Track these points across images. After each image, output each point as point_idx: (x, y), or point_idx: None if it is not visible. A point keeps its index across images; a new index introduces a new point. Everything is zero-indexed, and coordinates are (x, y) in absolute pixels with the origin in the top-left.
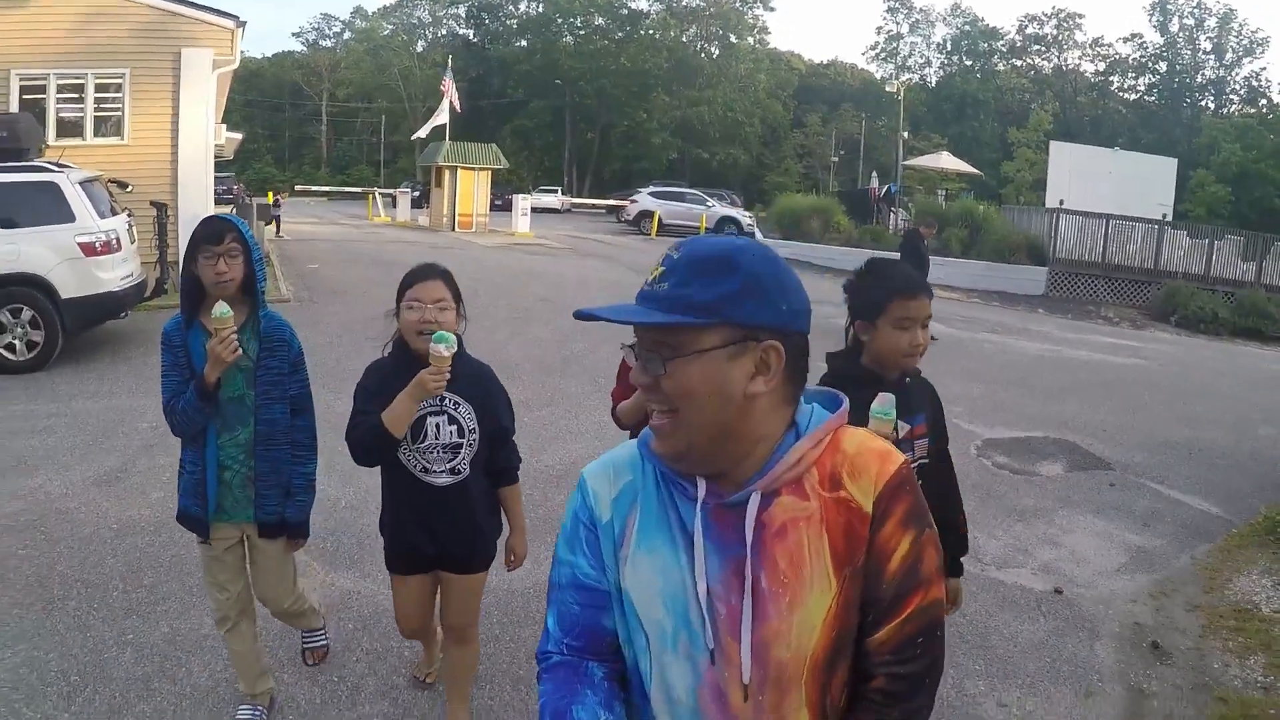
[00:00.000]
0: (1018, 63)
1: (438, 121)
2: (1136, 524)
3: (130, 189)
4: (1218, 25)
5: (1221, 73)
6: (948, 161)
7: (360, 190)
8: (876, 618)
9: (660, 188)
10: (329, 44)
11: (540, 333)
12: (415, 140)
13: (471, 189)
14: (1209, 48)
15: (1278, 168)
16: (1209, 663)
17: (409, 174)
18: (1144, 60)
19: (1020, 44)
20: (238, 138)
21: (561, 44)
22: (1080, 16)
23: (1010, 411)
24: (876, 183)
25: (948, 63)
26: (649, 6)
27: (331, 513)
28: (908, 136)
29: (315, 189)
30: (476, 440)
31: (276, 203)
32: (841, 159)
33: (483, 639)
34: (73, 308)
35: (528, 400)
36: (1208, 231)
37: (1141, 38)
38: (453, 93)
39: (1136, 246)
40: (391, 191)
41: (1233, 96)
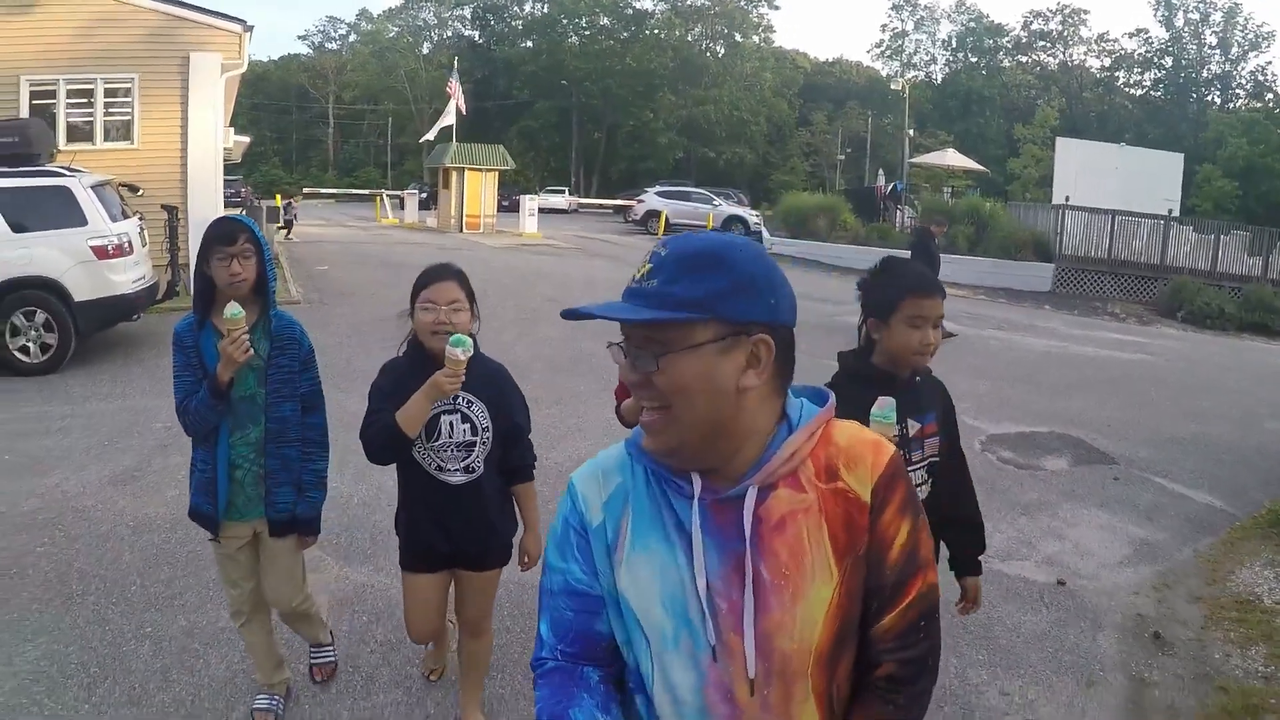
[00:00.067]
0: (1023, 59)
1: (444, 123)
2: (1140, 517)
3: (141, 193)
4: (1223, 19)
5: (1227, 67)
6: (953, 158)
7: (368, 192)
8: (880, 605)
9: (667, 187)
10: (334, 47)
11: (548, 332)
12: (423, 143)
13: (479, 190)
14: (1214, 42)
15: None
16: (1210, 653)
17: (416, 176)
18: (1149, 55)
19: (1025, 40)
20: (245, 141)
21: (567, 44)
22: (1085, 12)
23: (1016, 407)
24: (883, 180)
25: (953, 59)
26: (654, 6)
27: (345, 509)
28: (913, 134)
29: (323, 191)
30: (490, 438)
31: (288, 206)
32: (848, 157)
33: (495, 630)
34: (86, 310)
35: (537, 399)
36: (1214, 227)
37: (1147, 33)
38: (459, 95)
39: (1142, 242)
40: (399, 193)
41: (1239, 91)
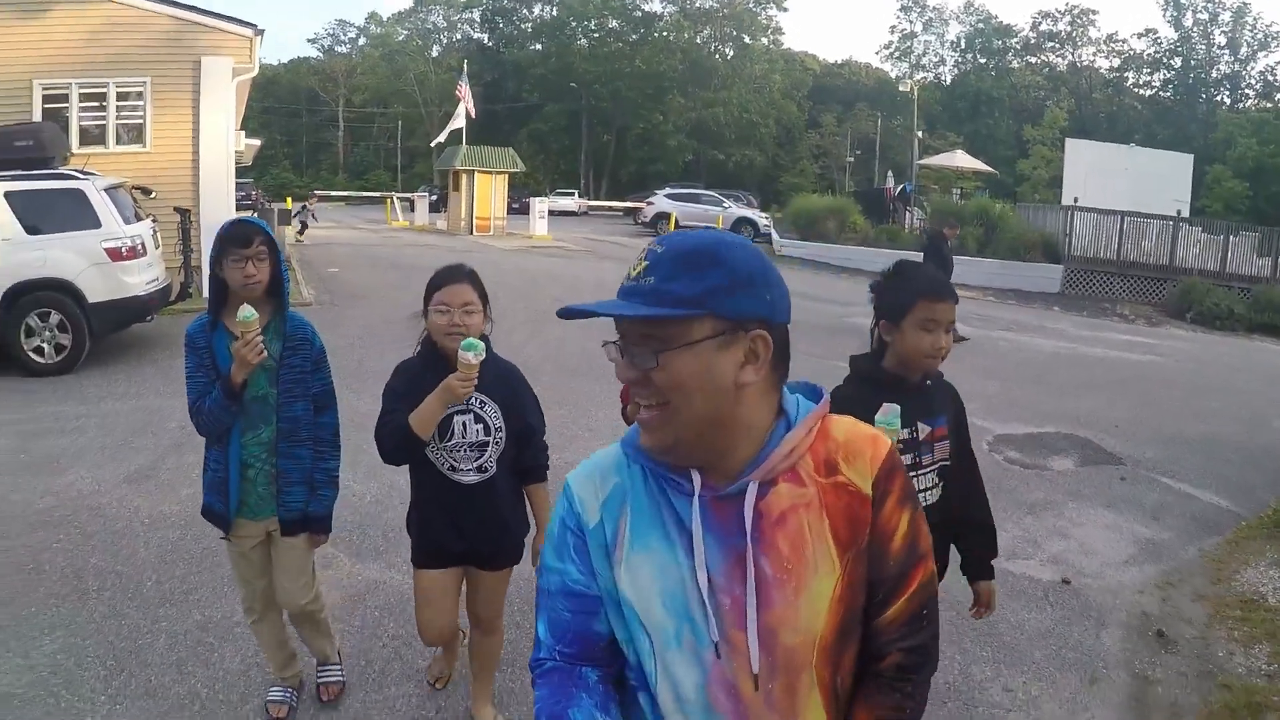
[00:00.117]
0: (1032, 60)
1: (454, 127)
2: (1146, 517)
3: (153, 195)
4: (1232, 20)
5: (1236, 67)
6: (962, 160)
7: (378, 195)
8: (885, 596)
9: (676, 190)
10: (344, 50)
11: (558, 334)
12: (433, 146)
13: (489, 192)
14: (1223, 42)
15: None
16: (1214, 651)
17: (426, 178)
18: (1159, 56)
19: (1034, 41)
20: (256, 144)
21: (576, 47)
22: (1094, 13)
23: (1024, 408)
24: (892, 182)
25: (962, 61)
26: (663, 8)
27: (357, 507)
28: (923, 135)
29: (333, 194)
30: (503, 438)
31: (304, 207)
32: (857, 159)
33: (506, 626)
34: (100, 311)
35: (547, 400)
36: (1223, 227)
37: (1156, 33)
38: (468, 98)
39: (1151, 243)
40: (409, 196)
41: (1248, 91)
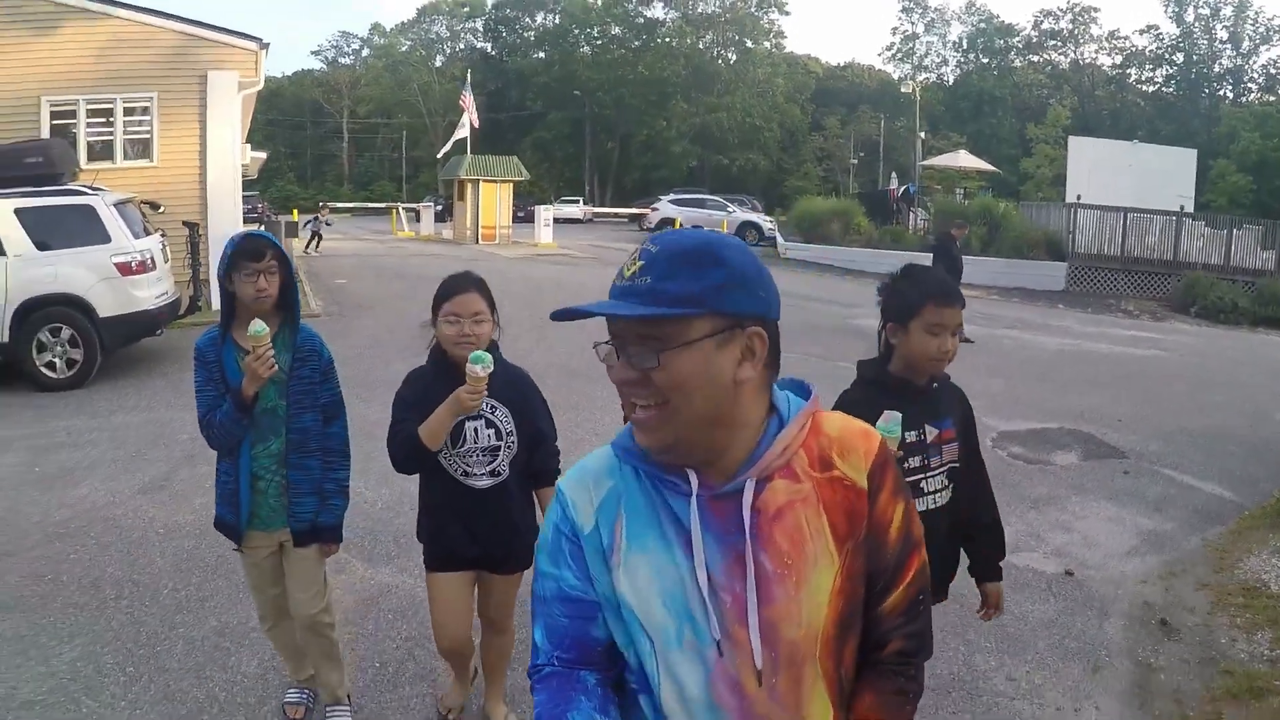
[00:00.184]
0: (1034, 58)
1: (458, 137)
2: (1149, 509)
3: (162, 210)
4: (1233, 14)
5: (1239, 61)
6: (965, 160)
7: (383, 205)
8: (885, 585)
9: (681, 195)
10: (348, 61)
11: (565, 340)
12: (440, 158)
13: (494, 201)
14: (1225, 37)
15: None
16: (1216, 638)
17: (431, 188)
18: (1160, 52)
19: (1036, 40)
20: (262, 157)
21: (579, 55)
22: (1095, 10)
23: (1028, 405)
24: (896, 183)
25: (964, 61)
26: (665, 14)
27: (369, 514)
28: (926, 136)
29: (339, 205)
30: (515, 442)
31: (315, 218)
32: (861, 161)
33: (517, 626)
34: (110, 326)
35: (554, 405)
36: (1226, 221)
37: (1158, 29)
38: (471, 109)
39: (1155, 239)
40: (415, 206)
41: (1250, 85)
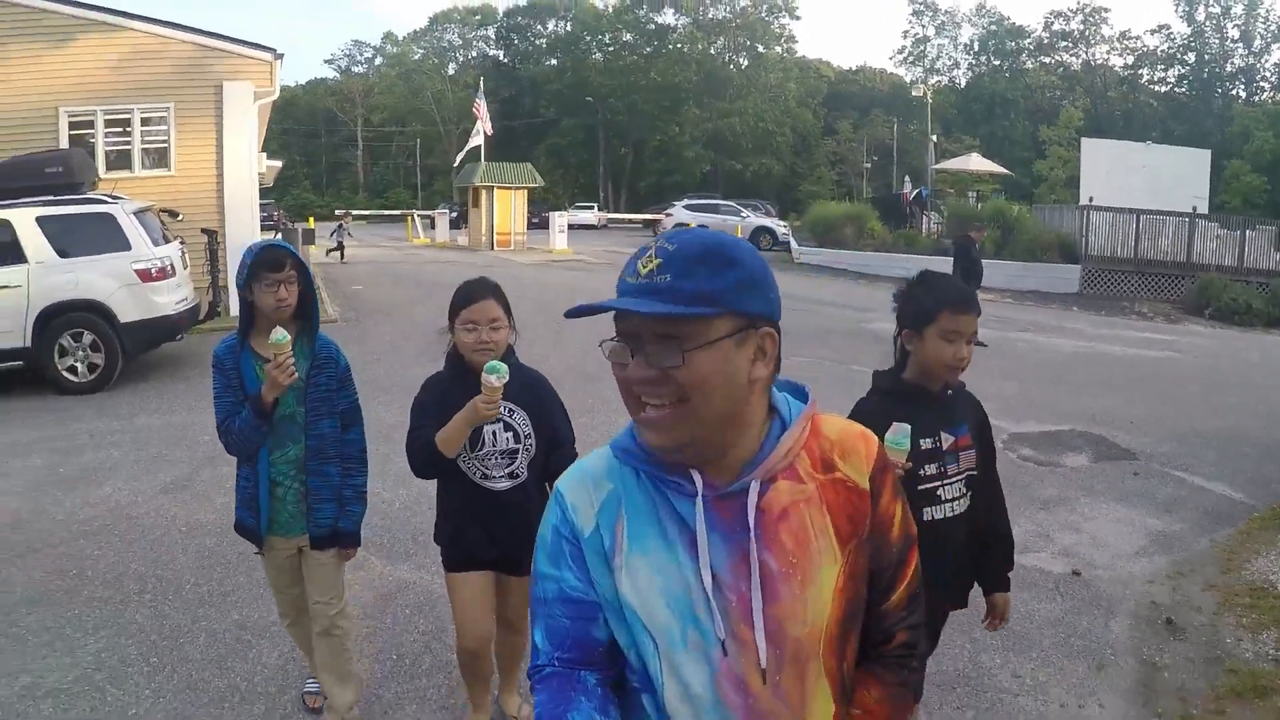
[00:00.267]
0: (1046, 60)
1: (472, 145)
2: (1158, 510)
3: (181, 218)
4: (1244, 12)
5: (1251, 60)
6: (976, 163)
7: (399, 213)
8: (890, 582)
9: (695, 200)
10: (361, 70)
11: (580, 343)
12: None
13: (508, 208)
14: (1237, 35)
15: None
16: (1222, 638)
17: (446, 195)
18: (1172, 51)
19: (1048, 41)
20: (278, 165)
21: (591, 61)
22: (1106, 10)
23: (1040, 407)
24: (909, 187)
25: (976, 63)
26: (676, 21)
27: (386, 513)
28: (938, 139)
29: (354, 213)
30: (533, 445)
31: (340, 226)
32: (874, 164)
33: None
34: (131, 331)
35: (570, 408)
36: (1239, 222)
37: (1169, 29)
38: (484, 116)
39: (1168, 240)
40: (430, 213)
41: (1263, 84)
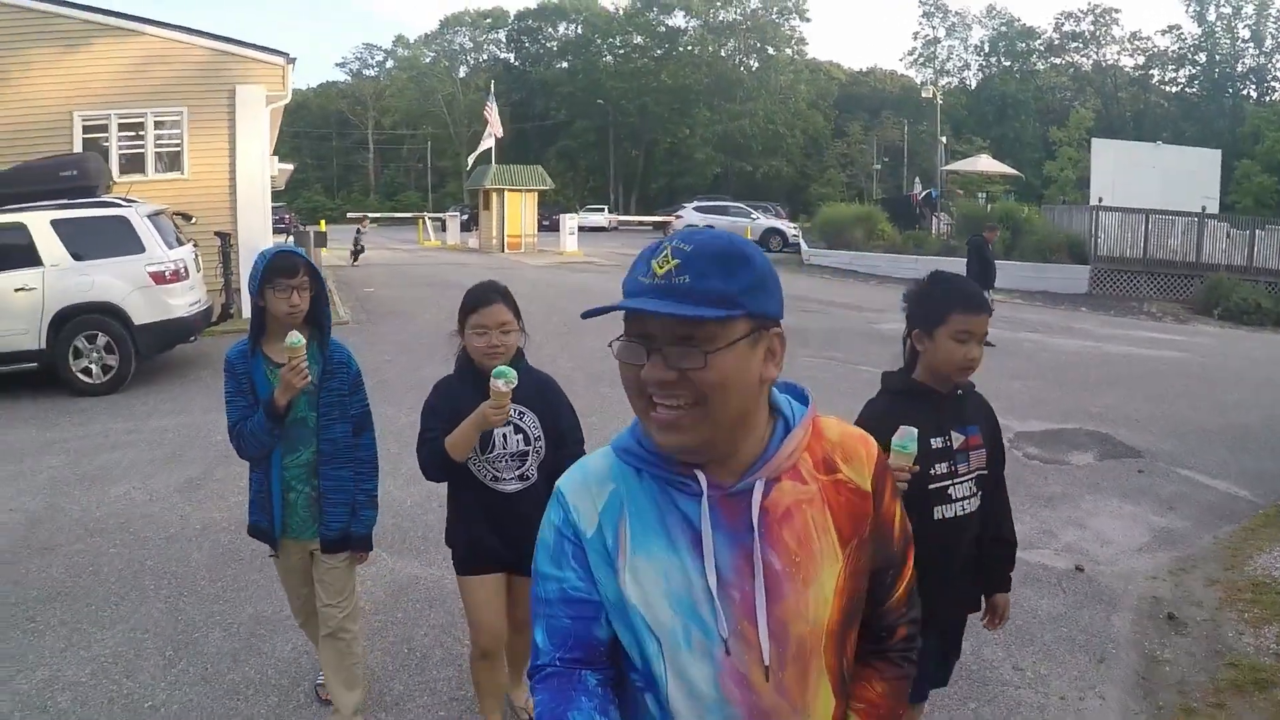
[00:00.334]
0: (1056, 61)
1: (483, 148)
2: (1162, 507)
3: (194, 221)
4: (1255, 12)
5: (1262, 60)
6: (986, 164)
7: (410, 215)
8: (893, 579)
9: (705, 202)
10: (372, 73)
11: (590, 345)
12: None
13: (519, 210)
14: (1247, 35)
15: None
16: (1224, 632)
17: (457, 198)
18: (1183, 52)
19: (1058, 42)
20: (289, 168)
21: (602, 64)
22: (1117, 11)
23: (1046, 406)
24: (919, 188)
25: (986, 64)
26: (686, 23)
27: (398, 512)
28: (947, 141)
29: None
30: (543, 447)
31: (359, 230)
32: (885, 166)
33: None
34: (145, 333)
35: (580, 410)
36: (1249, 222)
37: (1179, 29)
38: (495, 119)
39: (1177, 241)
40: (441, 215)
41: (1274, 84)
